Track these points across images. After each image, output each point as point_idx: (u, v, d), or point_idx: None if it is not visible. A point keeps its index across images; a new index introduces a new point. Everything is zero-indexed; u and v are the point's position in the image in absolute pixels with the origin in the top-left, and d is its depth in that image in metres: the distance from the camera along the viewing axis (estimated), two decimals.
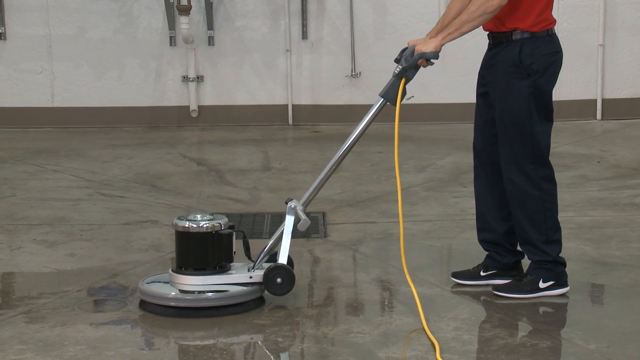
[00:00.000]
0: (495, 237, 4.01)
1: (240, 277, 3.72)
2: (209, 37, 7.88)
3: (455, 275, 4.09)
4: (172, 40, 7.86)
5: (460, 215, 5.18)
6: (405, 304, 3.76)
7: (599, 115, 8.10)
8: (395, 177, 3.80)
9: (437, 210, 5.36)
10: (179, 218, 3.77)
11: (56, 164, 6.53)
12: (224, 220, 3.76)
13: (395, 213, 5.07)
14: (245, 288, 3.72)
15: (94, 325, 3.62)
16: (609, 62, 8.05)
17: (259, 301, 3.77)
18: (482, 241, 4.07)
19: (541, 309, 3.82)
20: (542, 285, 3.86)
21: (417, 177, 6.10)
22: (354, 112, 8.01)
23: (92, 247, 4.66)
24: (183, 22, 7.59)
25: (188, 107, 7.94)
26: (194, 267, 3.72)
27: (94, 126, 7.85)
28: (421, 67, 3.78)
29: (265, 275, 3.69)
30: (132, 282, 4.11)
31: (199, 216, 3.75)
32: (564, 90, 8.00)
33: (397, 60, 3.86)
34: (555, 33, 3.86)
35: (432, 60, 3.76)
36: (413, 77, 3.78)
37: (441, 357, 3.31)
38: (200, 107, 7.96)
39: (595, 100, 8.09)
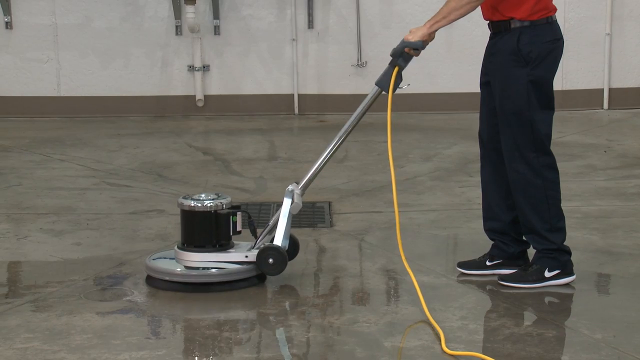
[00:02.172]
0: (501, 226, 4.00)
1: (236, 255, 3.89)
2: (215, 26, 7.87)
3: (461, 265, 4.09)
4: (178, 30, 7.86)
5: (466, 204, 5.18)
6: (411, 294, 3.76)
7: (606, 105, 8.08)
8: (390, 167, 3.82)
9: (443, 199, 5.35)
10: (184, 197, 3.97)
11: (62, 153, 6.54)
12: (226, 200, 3.94)
13: (401, 203, 5.07)
14: (242, 266, 3.88)
15: (101, 314, 3.63)
16: (616, 51, 8.03)
17: (257, 279, 3.91)
18: (488, 230, 4.07)
19: (547, 299, 3.82)
20: (547, 274, 3.86)
21: (424, 167, 6.09)
22: (360, 102, 7.92)
23: (99, 236, 4.67)
24: (189, 11, 7.58)
25: (194, 96, 7.94)
26: (194, 245, 3.90)
27: (100, 115, 7.86)
28: (414, 57, 3.82)
29: (258, 255, 3.83)
30: (139, 271, 4.12)
31: (203, 195, 3.94)
32: (570, 79, 7.98)
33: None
34: (556, 21, 3.84)
35: (416, 51, 3.79)
36: (406, 65, 3.82)
37: (447, 346, 3.31)
38: (206, 97, 7.96)
39: (602, 89, 8.07)
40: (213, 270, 3.88)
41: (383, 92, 3.90)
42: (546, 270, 3.86)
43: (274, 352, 3.32)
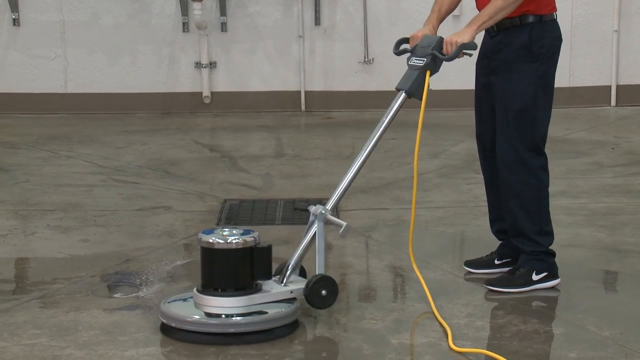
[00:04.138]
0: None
1: (281, 293, 3.40)
2: (222, 23, 7.87)
3: (468, 264, 4.08)
4: (185, 27, 7.86)
5: (473, 201, 5.17)
6: (417, 291, 3.76)
7: (613, 102, 8.06)
8: (413, 169, 3.75)
9: (450, 196, 5.35)
10: (206, 233, 3.41)
11: (70, 150, 6.55)
12: (256, 234, 3.42)
13: (408, 199, 5.07)
14: (284, 310, 3.38)
15: (108, 311, 3.64)
16: (624, 48, 8.00)
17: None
18: (497, 232, 4.04)
19: (554, 296, 3.81)
20: (535, 277, 3.81)
21: (430, 164, 6.09)
22: (366, 99, 8.01)
23: (106, 233, 4.67)
24: (196, 8, 7.58)
25: (201, 93, 7.95)
26: (234, 287, 3.37)
27: (107, 112, 7.86)
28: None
29: (310, 288, 3.40)
30: (146, 267, 4.13)
31: (226, 231, 3.40)
32: (578, 76, 7.96)
33: (398, 53, 3.78)
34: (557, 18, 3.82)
35: (469, 52, 3.63)
36: (438, 69, 3.67)
37: (454, 343, 3.31)
38: (213, 93, 7.96)
39: (610, 86, 8.04)
40: (260, 315, 3.35)
41: (410, 98, 3.66)
42: (534, 273, 3.82)
43: (281, 348, 3.32)
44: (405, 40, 3.85)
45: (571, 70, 7.93)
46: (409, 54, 3.74)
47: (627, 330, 3.45)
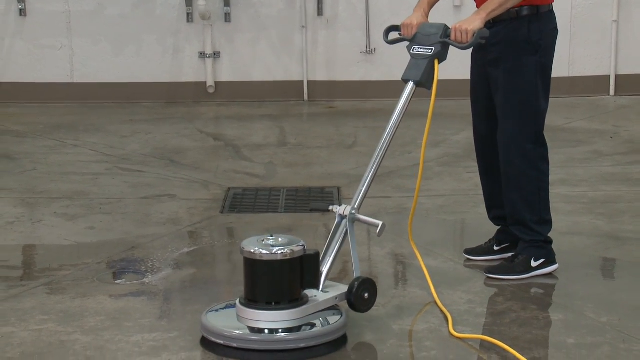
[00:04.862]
0: (505, 212, 3.98)
1: (328, 301, 3.24)
2: (226, 13, 7.85)
3: (468, 252, 4.08)
4: (190, 17, 7.85)
5: (474, 190, 5.17)
6: (419, 277, 3.77)
7: (612, 91, 8.04)
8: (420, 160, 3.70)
9: (451, 185, 5.35)
10: (250, 244, 3.18)
11: (76, 139, 6.55)
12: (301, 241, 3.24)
13: (409, 188, 5.07)
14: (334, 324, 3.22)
15: (114, 297, 3.65)
16: (623, 38, 7.98)
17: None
18: (494, 218, 4.05)
19: (553, 283, 3.82)
20: (534, 264, 3.82)
21: (432, 153, 6.08)
22: (368, 88, 8.00)
23: (111, 221, 4.68)
24: None
25: (205, 82, 7.94)
26: (288, 300, 3.17)
27: (112, 101, 7.86)
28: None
29: (355, 293, 3.28)
30: (151, 254, 4.14)
31: (271, 240, 3.19)
32: (577, 66, 7.94)
33: (391, 42, 3.67)
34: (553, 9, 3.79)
35: (483, 40, 3.48)
36: (446, 57, 3.55)
37: (454, 329, 3.31)
38: (217, 83, 7.96)
39: (609, 76, 8.02)
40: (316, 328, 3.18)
41: (418, 88, 3.54)
42: (532, 260, 3.82)
43: None
44: (395, 28, 3.77)
45: (571, 60, 7.91)
46: (407, 43, 3.62)
47: (625, 316, 3.45)
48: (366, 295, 3.32)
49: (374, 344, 3.24)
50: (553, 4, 3.78)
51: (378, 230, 3.36)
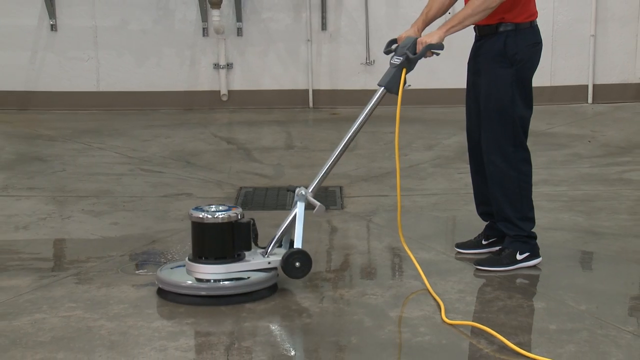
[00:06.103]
0: (492, 209, 3.97)
1: (259, 263, 3.52)
2: (238, 28, 7.86)
3: (459, 245, 4.08)
4: (205, 31, 7.85)
5: (464, 189, 5.16)
6: (413, 269, 3.76)
7: (590, 99, 8.04)
8: (395, 160, 3.72)
9: (443, 184, 5.34)
10: (196, 210, 3.53)
11: (101, 143, 6.55)
12: (239, 210, 3.53)
13: (406, 187, 5.07)
14: (263, 275, 3.51)
15: (136, 286, 3.65)
16: (600, 51, 7.98)
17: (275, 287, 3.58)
18: (482, 214, 4.04)
19: (536, 274, 3.81)
20: (519, 257, 3.81)
21: (426, 155, 6.08)
22: (368, 96, 7.81)
23: (134, 217, 4.68)
24: (215, 14, 7.58)
25: (219, 91, 7.94)
26: (214, 257, 3.50)
27: (134, 108, 7.86)
28: (422, 58, 3.68)
29: (285, 260, 3.49)
30: (170, 247, 4.13)
31: (213, 207, 3.53)
32: (558, 76, 7.94)
33: (387, 52, 3.76)
34: (537, 25, 3.77)
35: (437, 52, 3.62)
36: (414, 67, 3.65)
37: (446, 316, 3.31)
38: (229, 92, 7.96)
39: (587, 85, 8.02)
40: (238, 280, 3.47)
41: (389, 93, 3.68)
42: (517, 253, 3.81)
43: (290, 320, 3.32)
44: (395, 41, 3.84)
45: (552, 71, 7.90)
46: (392, 54, 3.73)
47: (602, 304, 3.45)
48: (297, 264, 3.49)
49: (373, 330, 3.23)
50: (535, 21, 3.75)
51: (315, 210, 3.49)
